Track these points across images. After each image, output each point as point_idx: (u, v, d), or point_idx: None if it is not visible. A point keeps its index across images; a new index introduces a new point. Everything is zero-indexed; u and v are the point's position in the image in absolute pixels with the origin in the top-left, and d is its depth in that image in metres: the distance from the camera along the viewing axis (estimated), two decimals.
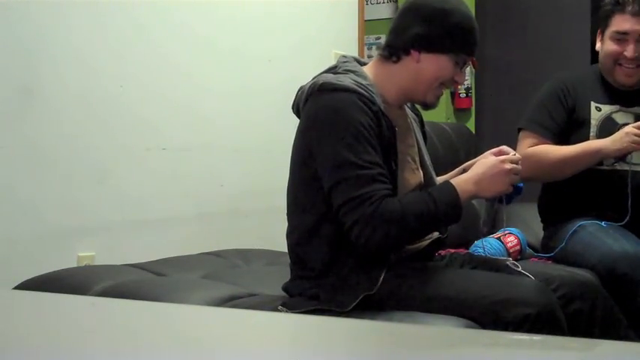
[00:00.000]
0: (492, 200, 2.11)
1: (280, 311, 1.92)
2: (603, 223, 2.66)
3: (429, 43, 1.98)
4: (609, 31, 2.74)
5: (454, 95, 4.46)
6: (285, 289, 2.07)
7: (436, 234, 2.09)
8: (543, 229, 2.90)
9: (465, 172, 2.02)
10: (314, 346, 0.91)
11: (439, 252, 2.17)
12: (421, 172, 2.11)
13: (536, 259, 2.78)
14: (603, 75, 2.81)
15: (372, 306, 1.88)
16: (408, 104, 2.19)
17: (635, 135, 2.55)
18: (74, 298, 1.47)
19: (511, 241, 2.74)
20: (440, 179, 2.16)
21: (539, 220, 2.93)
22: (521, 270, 2.05)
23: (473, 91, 4.51)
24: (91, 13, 2.76)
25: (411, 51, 2.00)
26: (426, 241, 2.07)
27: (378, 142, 1.90)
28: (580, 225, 2.67)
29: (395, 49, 2.02)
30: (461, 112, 4.51)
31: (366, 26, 4.19)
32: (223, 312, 1.49)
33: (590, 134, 2.73)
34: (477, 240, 2.67)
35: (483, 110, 4.56)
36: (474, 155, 2.46)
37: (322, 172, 1.91)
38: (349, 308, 1.87)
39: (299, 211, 2.02)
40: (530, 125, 2.78)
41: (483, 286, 1.89)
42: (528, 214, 3.08)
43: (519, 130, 2.81)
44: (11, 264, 2.49)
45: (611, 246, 2.50)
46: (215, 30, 3.24)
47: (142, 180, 2.94)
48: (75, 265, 2.65)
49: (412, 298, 1.90)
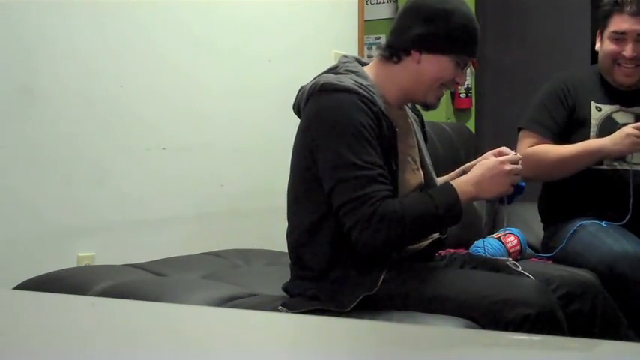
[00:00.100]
0: (493, 201, 2.11)
1: (280, 311, 1.92)
2: (603, 223, 2.66)
3: (430, 44, 1.98)
4: (608, 31, 2.74)
5: (454, 95, 4.46)
6: (285, 289, 2.07)
7: (436, 234, 2.09)
8: (543, 229, 2.90)
9: (465, 174, 2.02)
10: (314, 346, 0.91)
11: (439, 252, 2.17)
12: (422, 172, 2.11)
13: (536, 259, 2.78)
14: (603, 75, 2.81)
15: (372, 306, 1.88)
16: (409, 104, 2.19)
17: (636, 136, 2.56)
18: (74, 298, 1.47)
19: (511, 241, 2.74)
20: (440, 180, 2.16)
21: (539, 220, 2.93)
22: (521, 270, 2.05)
23: (473, 91, 4.51)
24: (91, 13, 2.77)
25: (412, 51, 2.00)
26: (426, 241, 2.07)
27: (379, 143, 1.90)
28: (580, 225, 2.67)
29: (396, 50, 2.02)
30: (461, 112, 4.51)
31: (366, 26, 4.18)
32: (223, 312, 1.49)
33: (591, 134, 2.73)
34: (477, 240, 2.68)
35: (483, 110, 4.56)
36: (474, 155, 2.46)
37: (323, 172, 1.91)
38: (349, 308, 1.86)
39: (299, 211, 2.02)
40: (531, 125, 2.78)
41: (483, 286, 1.89)
42: (528, 214, 3.08)
43: (519, 129, 2.81)
44: (11, 264, 2.49)
45: (612, 246, 2.50)
46: (215, 30, 3.24)
47: (142, 180, 2.94)
48: (75, 265, 2.66)
49: (412, 298, 1.90)
